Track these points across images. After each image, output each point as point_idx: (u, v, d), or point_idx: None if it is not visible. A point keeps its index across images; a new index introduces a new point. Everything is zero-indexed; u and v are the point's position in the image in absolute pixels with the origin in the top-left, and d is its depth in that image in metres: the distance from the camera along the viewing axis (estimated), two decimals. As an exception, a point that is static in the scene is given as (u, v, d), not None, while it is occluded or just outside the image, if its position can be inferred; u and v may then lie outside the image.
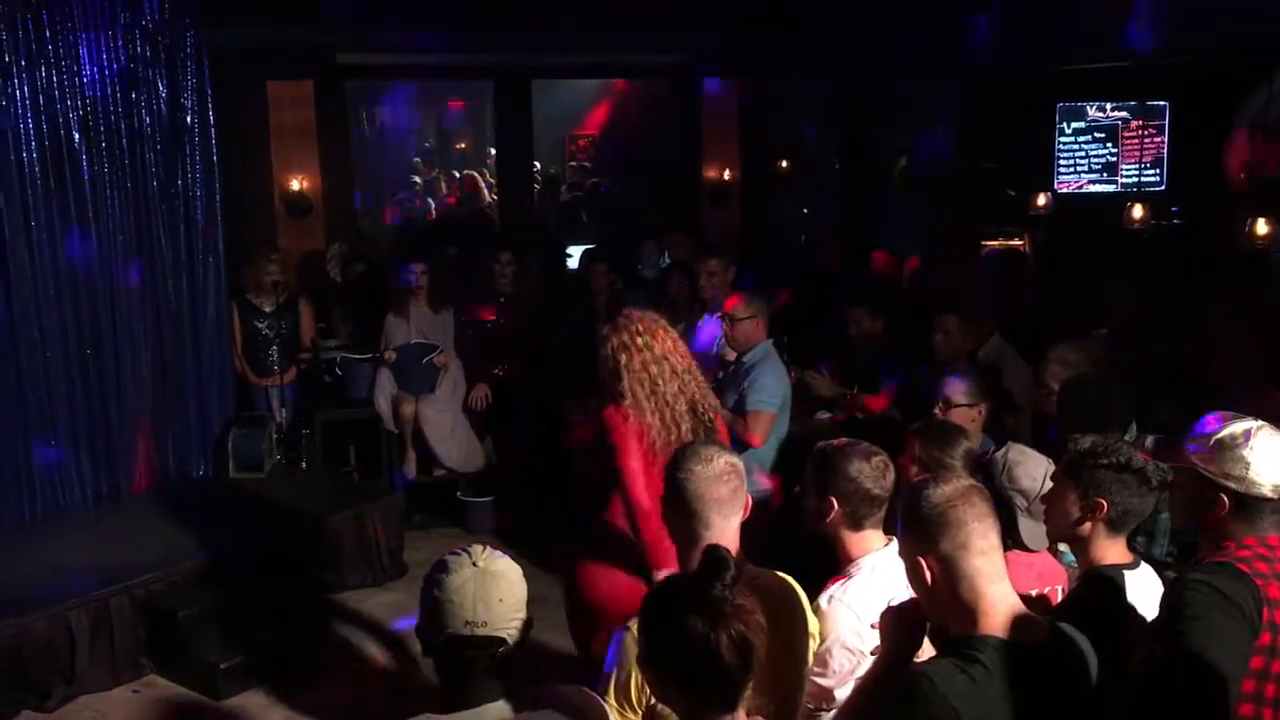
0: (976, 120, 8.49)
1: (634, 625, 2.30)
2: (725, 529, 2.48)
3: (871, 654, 2.66)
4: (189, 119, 6.53)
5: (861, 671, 2.68)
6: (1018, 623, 2.06)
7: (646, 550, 3.36)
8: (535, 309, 7.33)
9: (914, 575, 2.10)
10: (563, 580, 3.82)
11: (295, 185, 8.07)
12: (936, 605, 2.09)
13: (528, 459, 7.01)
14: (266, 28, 7.34)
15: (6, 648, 4.76)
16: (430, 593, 2.03)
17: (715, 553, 1.87)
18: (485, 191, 12.07)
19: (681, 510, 2.48)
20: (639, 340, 3.61)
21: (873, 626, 2.48)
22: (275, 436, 6.92)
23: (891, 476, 2.82)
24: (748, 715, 1.89)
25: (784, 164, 10.45)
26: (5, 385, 5.81)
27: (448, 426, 7.04)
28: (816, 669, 2.63)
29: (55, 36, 5.85)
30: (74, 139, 5.99)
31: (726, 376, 4.99)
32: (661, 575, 3.14)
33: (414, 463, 7.14)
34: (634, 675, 2.27)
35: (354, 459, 7.47)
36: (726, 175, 9.49)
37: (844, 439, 2.89)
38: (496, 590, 2.03)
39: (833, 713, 2.69)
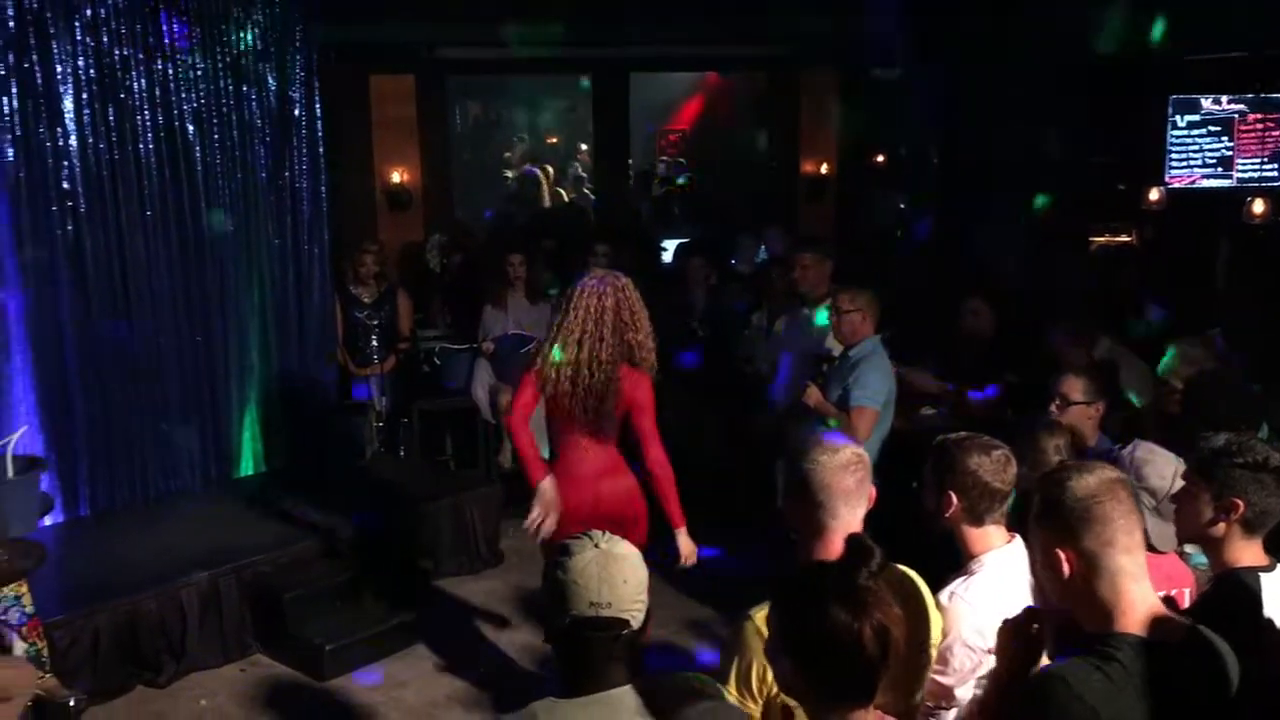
0: (1085, 113, 8.27)
1: (757, 615, 2.27)
2: (851, 520, 2.43)
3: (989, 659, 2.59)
4: (297, 112, 6.66)
5: (983, 671, 2.62)
6: (1156, 623, 1.98)
7: None
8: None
9: (1049, 567, 2.04)
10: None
11: (395, 178, 8.19)
12: (1070, 600, 2.02)
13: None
14: (371, 22, 7.45)
15: (122, 624, 4.90)
16: (553, 575, 2.02)
17: (860, 541, 1.83)
18: (545, 190, 12.06)
19: (807, 500, 2.43)
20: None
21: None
22: (375, 425, 7.05)
23: (1014, 471, 2.74)
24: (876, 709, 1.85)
25: (880, 158, 10.30)
26: (120, 370, 5.99)
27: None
28: (937, 667, 2.57)
29: (172, 30, 6.01)
30: (188, 131, 6.15)
31: (832, 370, 4.92)
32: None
33: (510, 453, 7.18)
34: (755, 665, 2.24)
35: (450, 448, 7.56)
36: (824, 169, 9.38)
37: (964, 432, 2.83)
38: (620, 572, 2.01)
39: (953, 713, 2.63)
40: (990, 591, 2.64)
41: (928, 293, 6.71)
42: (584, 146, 17.02)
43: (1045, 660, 2.12)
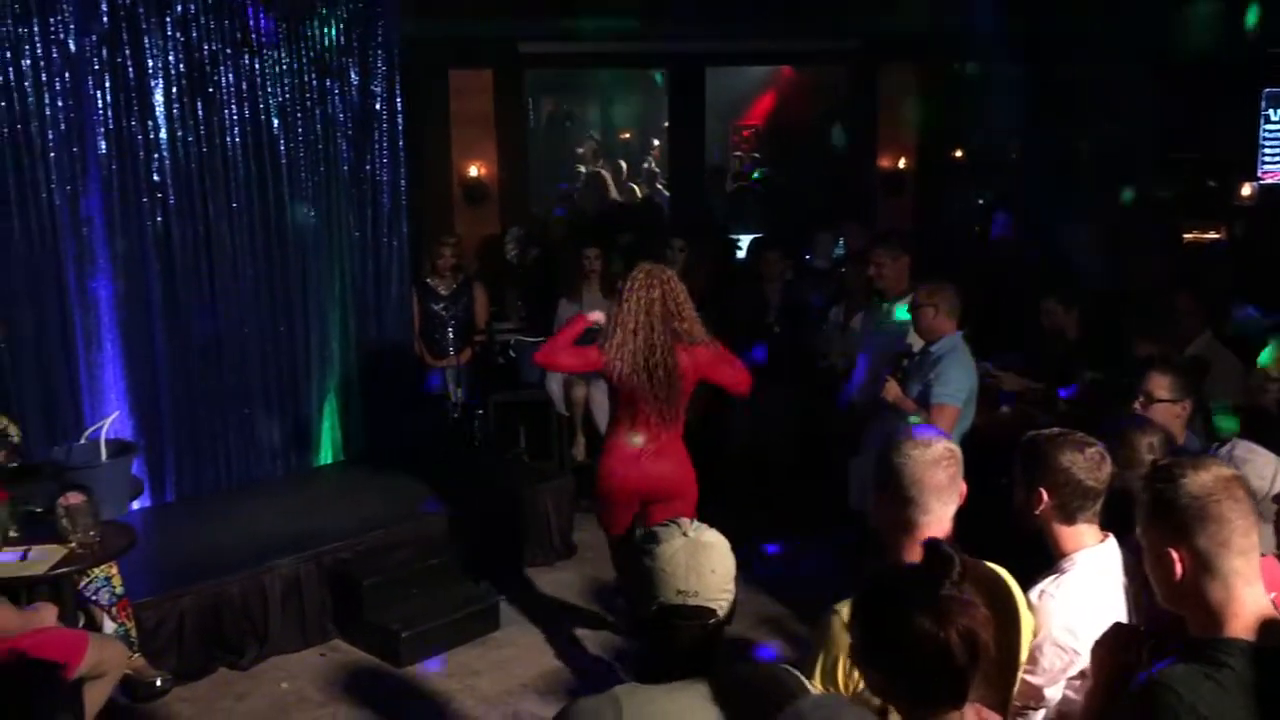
0: (1172, 109, 8.06)
1: (842, 609, 2.24)
2: (943, 516, 2.39)
3: (1084, 675, 2.53)
4: (378, 106, 6.74)
5: (1073, 671, 2.57)
6: (1267, 627, 1.91)
7: None
8: (706, 296, 7.29)
9: (1158, 567, 1.97)
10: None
11: (473, 172, 8.25)
12: (1178, 602, 1.96)
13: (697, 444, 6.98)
14: (451, 17, 7.51)
15: (207, 607, 5.01)
16: (640, 563, 2.01)
17: (940, 549, 1.80)
18: (612, 188, 12.05)
19: (897, 496, 2.39)
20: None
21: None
22: (451, 416, 7.12)
23: (1108, 469, 2.68)
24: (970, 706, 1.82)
25: (958, 153, 10.14)
26: (207, 359, 6.13)
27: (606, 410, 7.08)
28: (1026, 666, 2.52)
29: (259, 26, 6.12)
30: (273, 125, 6.26)
31: (912, 365, 4.86)
32: None
33: (583, 446, 7.21)
34: (841, 660, 2.21)
35: (524, 440, 7.60)
36: (902, 164, 9.26)
37: (1056, 428, 2.77)
38: (709, 561, 2.00)
39: (1042, 713, 2.58)
40: (1082, 591, 2.58)
41: (1008, 290, 6.59)
42: (656, 143, 17.11)
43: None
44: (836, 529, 5.53)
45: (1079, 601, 2.55)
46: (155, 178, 5.83)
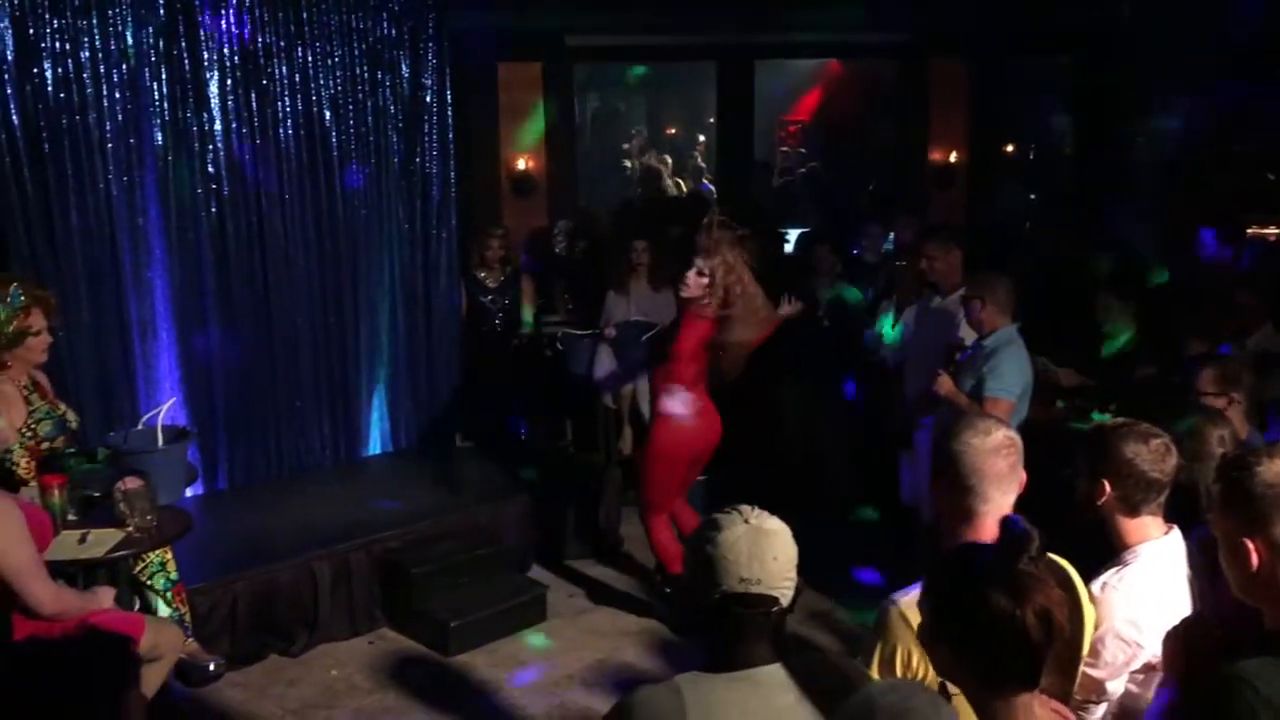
0: (1230, 101, 7.89)
1: (901, 600, 2.21)
2: (1003, 505, 2.35)
3: (1151, 662, 2.49)
4: (428, 98, 6.77)
5: (1136, 664, 2.52)
6: None
7: None
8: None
9: (1234, 558, 1.92)
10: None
11: (521, 165, 8.27)
12: (1254, 593, 1.91)
13: (745, 438, 6.94)
14: (500, 9, 7.53)
15: (259, 594, 5.07)
16: (701, 550, 1.99)
17: (1018, 524, 1.76)
18: (667, 180, 12.00)
19: (956, 484, 2.35)
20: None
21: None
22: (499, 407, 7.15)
23: (1173, 461, 2.62)
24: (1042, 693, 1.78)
25: (1009, 148, 10.01)
26: (259, 349, 6.19)
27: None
28: (1088, 659, 2.47)
29: (312, 18, 6.17)
30: (325, 117, 6.30)
31: (965, 359, 4.79)
32: None
33: (630, 438, 7.20)
34: (900, 650, 2.18)
35: (571, 433, 7.60)
36: (953, 157, 9.16)
37: (1120, 419, 2.71)
38: (771, 548, 1.97)
39: (1103, 707, 2.53)
40: (1145, 583, 2.53)
41: (1062, 286, 6.49)
42: (702, 139, 17.12)
43: None
44: (888, 525, 5.48)
45: (1142, 594, 2.51)
46: (210, 169, 5.90)
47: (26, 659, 1.73)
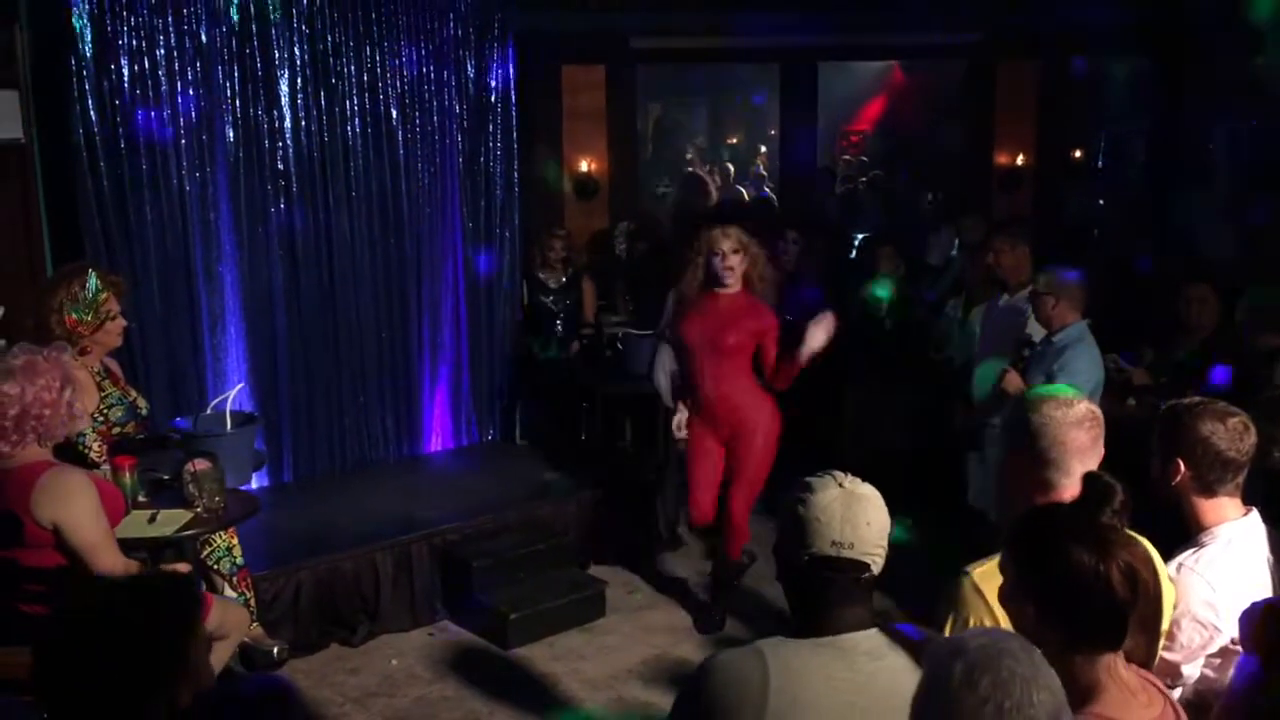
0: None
1: (974, 571, 2.17)
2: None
3: (1228, 646, 2.41)
4: (493, 98, 6.83)
5: (1213, 648, 2.44)
6: None
7: None
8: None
9: None
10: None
11: (584, 167, 8.30)
12: None
13: (806, 438, 6.89)
14: (565, 11, 7.57)
15: (322, 583, 5.12)
16: (793, 511, 1.96)
17: (1101, 479, 1.72)
18: (712, 191, 11.92)
19: (1037, 457, 2.28)
20: None
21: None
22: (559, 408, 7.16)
23: (1251, 440, 2.54)
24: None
25: (1078, 154, 9.84)
26: (325, 344, 6.27)
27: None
28: (1164, 642, 2.40)
29: (380, 18, 6.25)
30: (392, 115, 6.38)
31: (1034, 356, 4.71)
32: None
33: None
34: (973, 621, 2.13)
35: (630, 432, 7.58)
36: (1020, 160, 9.03)
37: (1197, 398, 2.64)
38: (864, 513, 1.94)
39: (1179, 691, 2.45)
40: (1223, 565, 2.46)
41: (1134, 285, 6.37)
42: (763, 149, 17.12)
43: None
44: (953, 526, 5.39)
45: (1220, 576, 2.43)
46: (280, 166, 5.99)
47: (90, 603, 1.75)
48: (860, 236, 8.87)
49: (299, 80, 6.00)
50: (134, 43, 5.46)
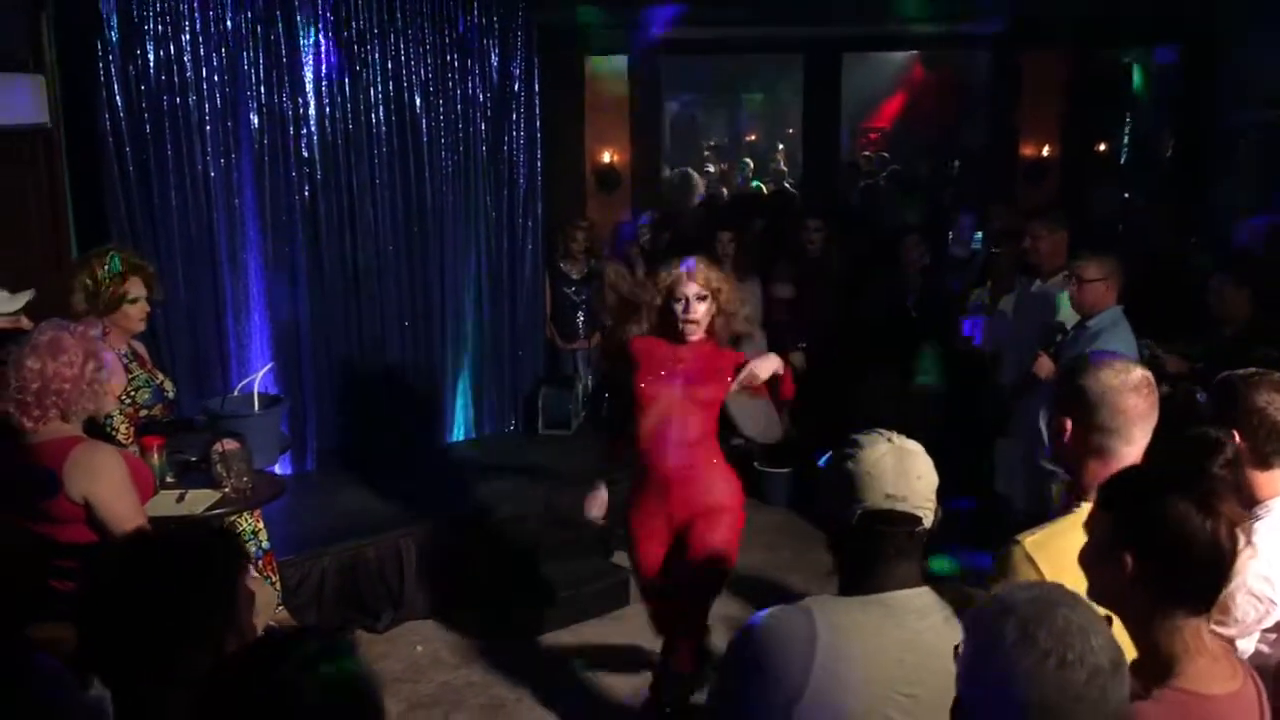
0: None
1: (1026, 540, 2.12)
2: (1143, 446, 2.22)
3: (1276, 628, 2.36)
4: (516, 87, 6.80)
5: (1269, 622, 2.39)
6: None
7: None
8: (843, 280, 7.15)
9: None
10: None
11: (606, 159, 8.27)
12: None
13: (831, 428, 6.84)
14: (588, 2, 7.55)
15: (345, 569, 5.10)
16: (842, 468, 1.92)
17: (1210, 434, 1.67)
18: (700, 188, 11.85)
19: (1095, 425, 2.19)
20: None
21: None
22: (580, 398, 7.14)
23: None
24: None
25: (1102, 147, 9.75)
26: (348, 332, 6.26)
27: (747, 396, 6.96)
28: (1217, 616, 2.34)
29: (404, 5, 6.23)
30: (415, 103, 6.36)
31: (1066, 341, 4.65)
32: None
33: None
34: None
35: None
36: (1045, 151, 8.95)
37: (1253, 368, 2.59)
38: (915, 467, 1.91)
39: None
40: (1279, 538, 2.40)
41: (1165, 275, 6.29)
42: (781, 146, 17.13)
43: None
44: (979, 513, 5.34)
45: (1276, 549, 2.37)
46: (304, 153, 5.98)
47: (140, 550, 1.73)
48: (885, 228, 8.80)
49: (323, 67, 5.99)
50: (160, 28, 5.46)
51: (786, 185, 13.31)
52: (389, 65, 6.22)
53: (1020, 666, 1.41)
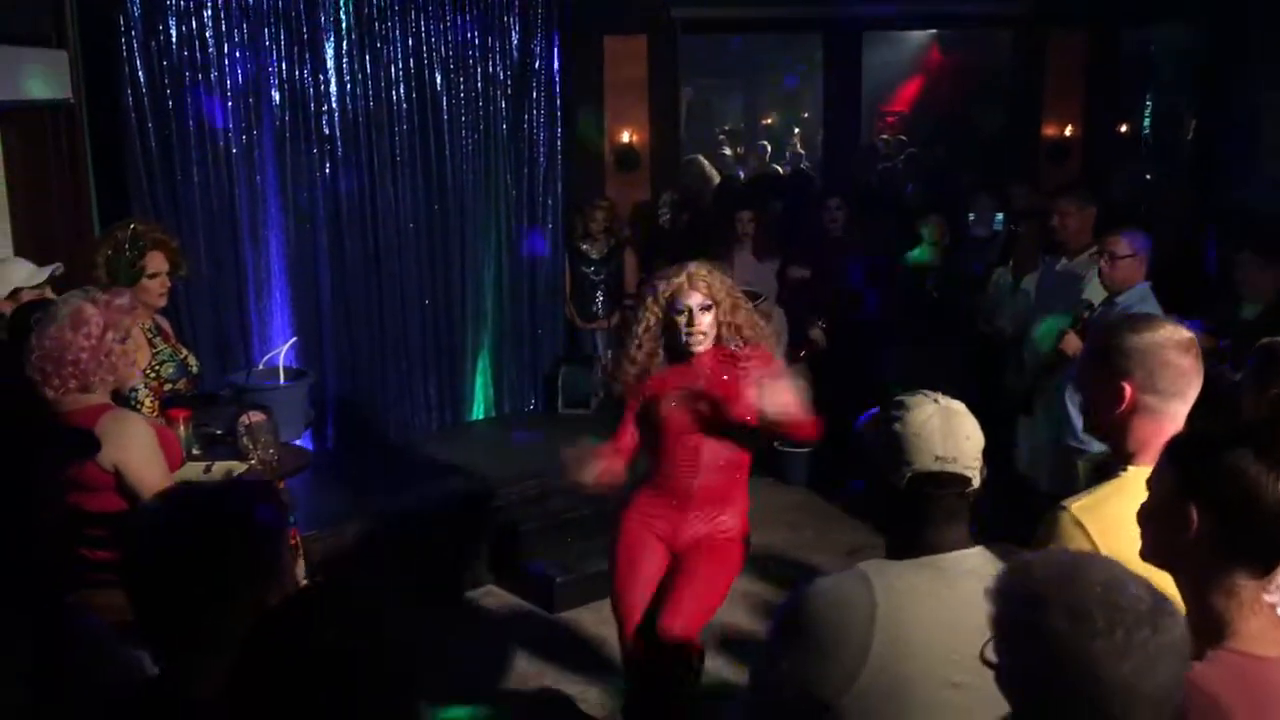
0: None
1: (1073, 505, 2.10)
2: (1190, 401, 2.18)
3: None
4: (537, 65, 6.78)
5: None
6: None
7: None
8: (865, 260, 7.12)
9: None
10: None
11: (625, 138, 8.23)
12: None
13: (850, 409, 6.82)
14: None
15: (367, 542, 5.10)
16: (889, 430, 1.90)
17: None
18: (711, 175, 11.78)
19: (1147, 386, 2.14)
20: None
21: None
22: (600, 377, 7.12)
23: None
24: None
25: (1123, 128, 9.67)
26: (369, 310, 6.25)
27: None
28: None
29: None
30: (436, 80, 6.34)
31: (1095, 318, 4.60)
32: None
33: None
34: None
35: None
36: (1068, 131, 8.88)
37: None
38: (962, 427, 1.89)
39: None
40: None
41: (1190, 253, 6.25)
42: (797, 130, 17.10)
43: None
44: (1002, 493, 5.31)
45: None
46: (325, 130, 5.96)
47: (188, 498, 1.72)
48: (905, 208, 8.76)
49: (344, 44, 5.98)
50: (181, 3, 5.46)
51: (804, 168, 13.27)
52: (409, 42, 6.20)
53: (1084, 659, 1.36)
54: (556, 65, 6.85)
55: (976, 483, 1.90)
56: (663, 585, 3.63)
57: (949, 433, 1.88)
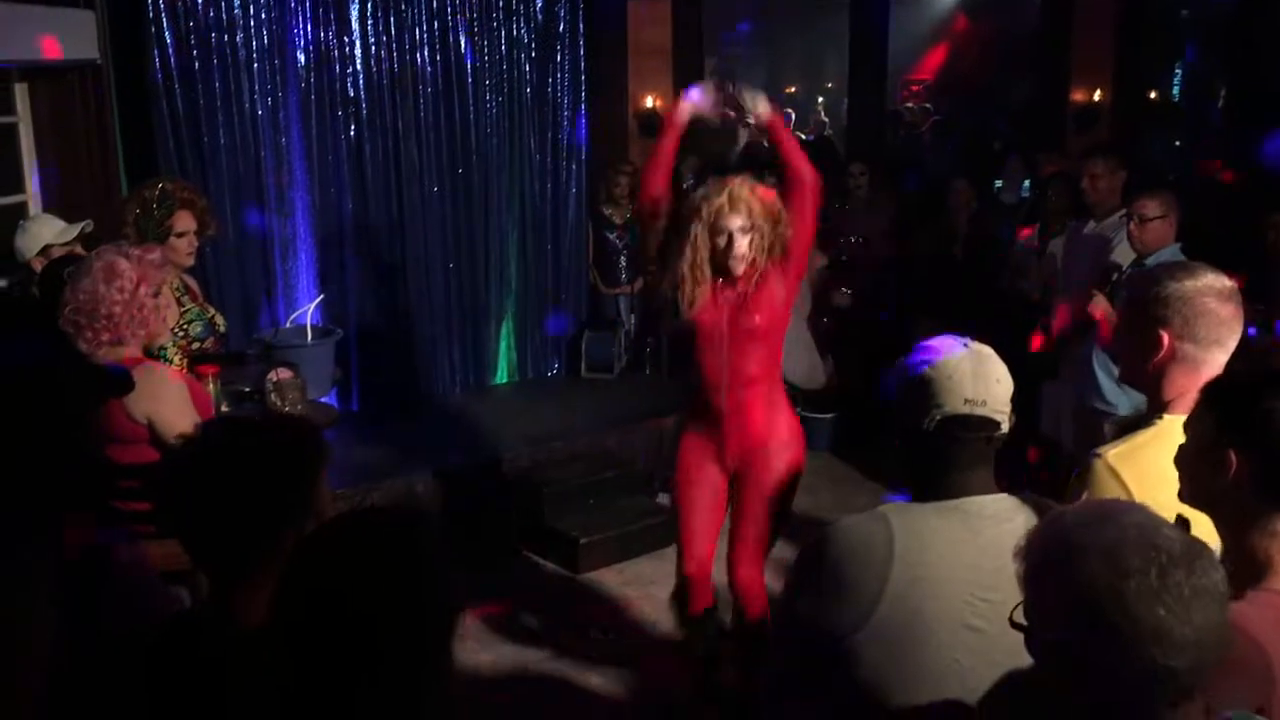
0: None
1: (1108, 453, 2.08)
2: (1230, 350, 2.15)
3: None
4: (561, 28, 6.75)
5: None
6: None
7: None
8: (891, 226, 7.09)
9: None
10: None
11: (648, 103, 8.19)
12: None
13: (872, 377, 6.80)
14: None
15: (392, 503, 5.12)
16: (918, 374, 1.88)
17: None
18: (740, 140, 11.71)
19: (1187, 334, 2.12)
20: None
21: None
22: (623, 343, 7.13)
23: None
24: None
25: (1153, 94, 9.56)
26: (393, 274, 6.27)
27: (790, 341, 6.92)
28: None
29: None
30: (460, 43, 6.32)
31: (1122, 281, 4.56)
32: None
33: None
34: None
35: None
36: (1096, 96, 8.78)
37: None
38: (993, 371, 1.87)
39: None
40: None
41: (1223, 216, 6.18)
42: (821, 99, 16.98)
43: None
44: (1026, 455, 5.31)
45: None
46: (350, 92, 5.96)
47: (233, 431, 1.74)
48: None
49: (369, 5, 5.96)
50: (208, -37, 5.44)
51: (827, 135, 13.20)
52: (434, 4, 6.19)
53: (1123, 601, 1.34)
54: (581, 28, 6.82)
55: (1005, 428, 1.88)
56: (729, 516, 3.73)
57: (980, 376, 1.86)
